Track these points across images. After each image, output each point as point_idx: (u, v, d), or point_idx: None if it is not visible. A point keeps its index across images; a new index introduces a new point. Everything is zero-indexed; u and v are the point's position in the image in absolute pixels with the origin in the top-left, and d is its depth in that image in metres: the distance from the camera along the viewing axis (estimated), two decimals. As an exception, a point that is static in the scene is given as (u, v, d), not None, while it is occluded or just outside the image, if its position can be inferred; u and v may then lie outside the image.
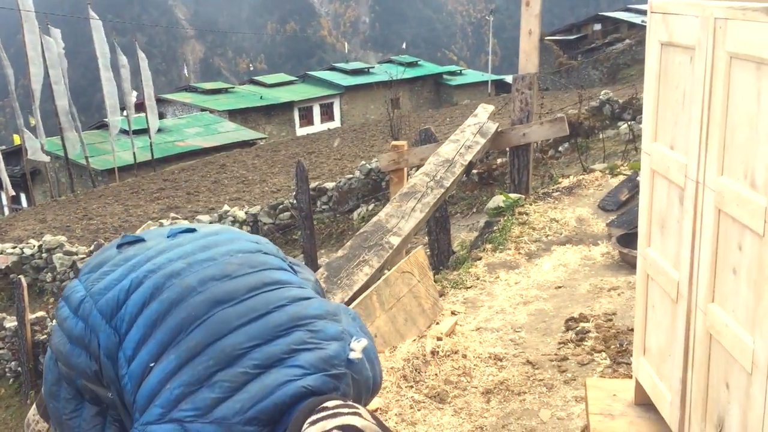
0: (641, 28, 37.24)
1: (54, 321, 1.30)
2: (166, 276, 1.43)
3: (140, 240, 1.62)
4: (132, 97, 27.06)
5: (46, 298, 12.59)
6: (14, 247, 13.53)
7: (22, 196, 27.93)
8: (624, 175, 6.62)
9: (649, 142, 2.38)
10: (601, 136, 11.20)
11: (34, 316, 10.30)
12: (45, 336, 10.01)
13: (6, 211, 23.53)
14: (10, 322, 10.44)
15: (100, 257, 1.60)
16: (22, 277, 10.36)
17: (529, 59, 6.39)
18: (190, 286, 1.40)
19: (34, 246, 13.38)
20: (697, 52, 1.94)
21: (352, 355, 1.34)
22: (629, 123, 10.74)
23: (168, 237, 1.61)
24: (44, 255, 13.11)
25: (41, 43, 22.72)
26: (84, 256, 12.90)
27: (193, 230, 1.65)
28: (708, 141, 1.91)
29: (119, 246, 1.61)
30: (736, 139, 1.78)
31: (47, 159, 24.47)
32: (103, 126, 29.62)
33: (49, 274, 12.94)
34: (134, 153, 26.33)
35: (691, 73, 2.01)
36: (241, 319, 1.36)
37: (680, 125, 2.13)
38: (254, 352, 1.30)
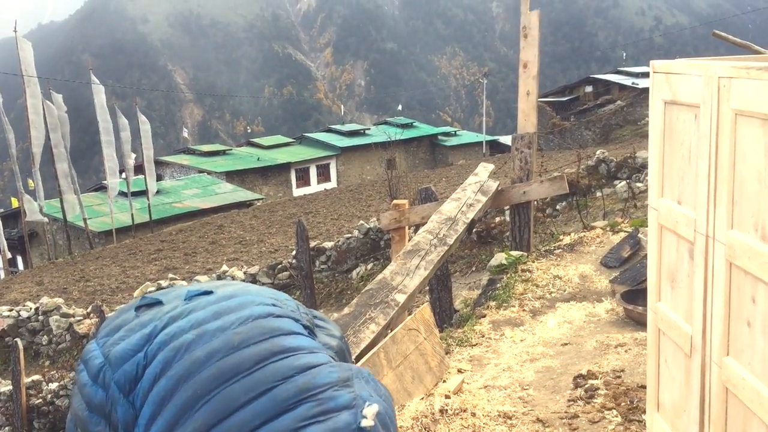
0: (631, 90, 38.02)
1: (63, 383, 1.28)
2: (176, 349, 1.42)
3: (158, 302, 1.61)
4: (131, 160, 27.32)
5: (41, 362, 12.42)
6: (11, 310, 13.42)
7: (19, 259, 27.86)
8: (625, 231, 6.66)
9: (656, 197, 2.42)
10: (598, 194, 11.30)
11: (29, 379, 10.14)
12: (40, 400, 9.85)
13: (2, 274, 23.42)
14: (5, 386, 10.27)
15: (118, 320, 1.59)
16: (18, 340, 10.25)
17: (527, 119, 6.52)
18: (198, 361, 1.39)
19: (30, 308, 13.28)
20: (702, 110, 2.00)
21: (364, 423, 1.31)
22: (627, 181, 10.86)
23: (185, 300, 1.61)
24: (41, 318, 13.00)
25: (43, 107, 23.06)
26: (81, 318, 12.80)
27: (210, 292, 1.65)
28: (716, 195, 1.95)
29: (137, 308, 1.61)
30: (744, 193, 1.81)
31: (45, 221, 24.53)
32: (102, 188, 29.81)
33: (45, 336, 12.81)
34: (132, 214, 26.42)
35: (696, 129, 2.07)
36: (248, 394, 1.35)
37: (687, 180, 2.17)
38: (261, 430, 1.30)
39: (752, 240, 1.78)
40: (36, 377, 10.39)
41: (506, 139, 39.48)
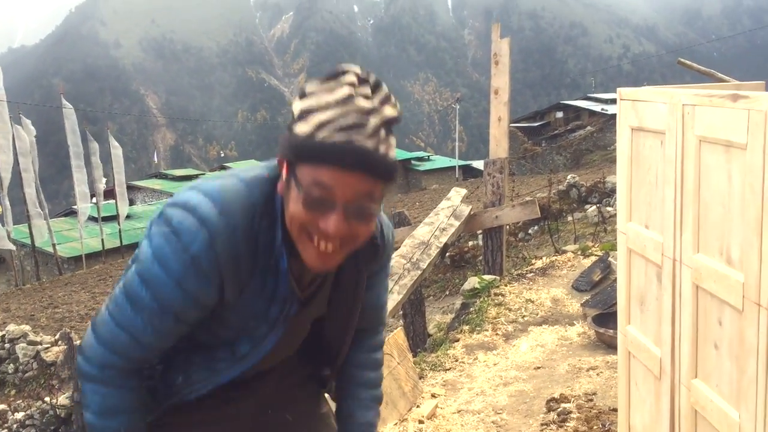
0: (601, 116, 38.67)
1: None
2: None
3: None
4: (102, 185, 27.04)
5: (7, 390, 12.12)
6: (-25, 338, 13.10)
7: (-15, 285, 27.29)
8: (596, 255, 6.74)
9: (624, 221, 2.46)
10: (569, 218, 11.43)
11: (-6, 409, 9.89)
12: (5, 431, 9.59)
13: (-33, 300, 22.89)
14: (-31, 416, 9.99)
15: None
16: (-17, 368, 10.00)
17: (499, 144, 6.60)
18: None
19: (-4, 336, 12.98)
20: (668, 137, 2.05)
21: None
22: (597, 205, 11.01)
23: None
24: (7, 345, 12.71)
25: (12, 131, 22.78)
26: (48, 345, 12.54)
27: None
28: (683, 220, 1.99)
29: None
30: (709, 218, 1.86)
31: (13, 247, 24.09)
32: (72, 213, 29.45)
33: (12, 365, 12.51)
34: (102, 239, 26.09)
35: (662, 155, 2.11)
36: None
37: (654, 205, 2.21)
38: None
39: (717, 264, 1.82)
40: (1, 407, 10.13)
41: (479, 164, 39.85)
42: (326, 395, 1.83)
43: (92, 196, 27.03)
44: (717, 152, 1.79)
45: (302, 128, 1.23)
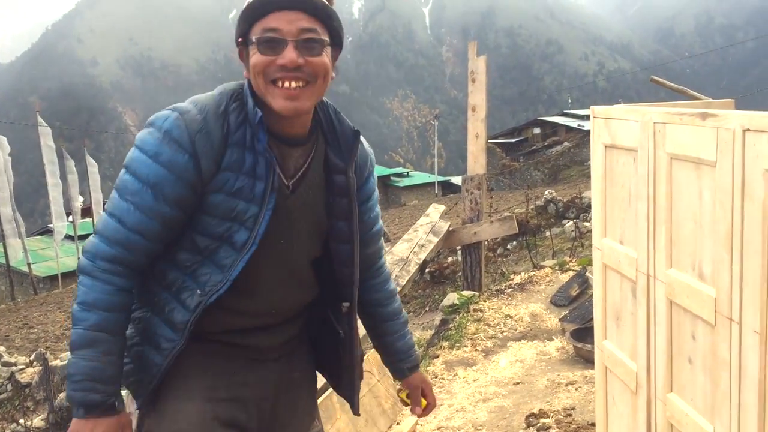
0: (578, 132, 39.10)
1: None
2: None
3: None
4: (78, 203, 26.75)
5: (-20, 413, 11.88)
6: (-52, 360, 12.84)
7: (-42, 306, 26.76)
8: (573, 270, 6.79)
9: (600, 237, 2.49)
10: (548, 233, 11.51)
11: (-33, 433, 9.69)
12: (-22, 454, 9.39)
13: (-61, 321, 22.45)
14: (-60, 441, 9.78)
15: None
16: (-45, 391, 9.81)
17: (477, 161, 6.64)
18: None
19: (-31, 358, 12.73)
20: (640, 154, 2.09)
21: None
22: (575, 221, 11.10)
23: None
24: (-20, 367, 12.47)
25: (-14, 149, 22.49)
26: (23, 366, 12.32)
27: None
28: (656, 236, 2.02)
29: None
30: (682, 233, 1.89)
31: (-13, 267, 23.72)
32: (48, 232, 29.10)
33: (-15, 387, 12.27)
34: (79, 258, 25.74)
35: (635, 172, 2.15)
36: None
37: (628, 221, 2.25)
38: None
39: (690, 279, 1.84)
40: (-26, 430, 9.93)
41: (458, 180, 40.05)
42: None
43: (68, 214, 26.72)
44: (688, 169, 1.83)
45: (246, 2, 1.51)
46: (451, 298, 6.41)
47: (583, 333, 4.98)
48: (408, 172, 51.69)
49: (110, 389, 1.51)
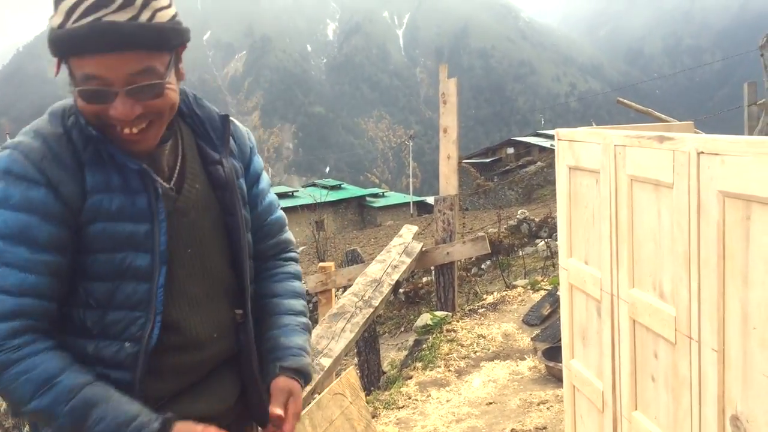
0: (551, 152, 39.53)
1: None
2: None
3: None
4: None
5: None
6: None
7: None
8: (545, 290, 6.84)
9: (566, 257, 2.52)
10: (520, 253, 11.59)
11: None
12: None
13: None
14: None
15: None
16: None
17: (449, 182, 6.69)
18: None
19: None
20: (602, 176, 2.13)
21: None
22: (546, 240, 11.20)
23: None
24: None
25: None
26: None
27: None
28: (618, 256, 2.06)
29: None
30: (643, 254, 1.92)
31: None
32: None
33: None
34: None
35: (597, 194, 2.19)
36: None
37: (592, 242, 2.28)
38: None
39: (651, 298, 1.88)
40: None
41: (433, 199, 40.20)
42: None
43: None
44: (647, 191, 1.87)
45: (55, 20, 1.20)
46: (425, 318, 6.42)
47: (555, 352, 5.00)
48: (383, 193, 51.84)
49: (144, 418, 1.26)
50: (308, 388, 3.93)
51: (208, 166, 1.47)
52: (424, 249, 6.65)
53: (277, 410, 1.43)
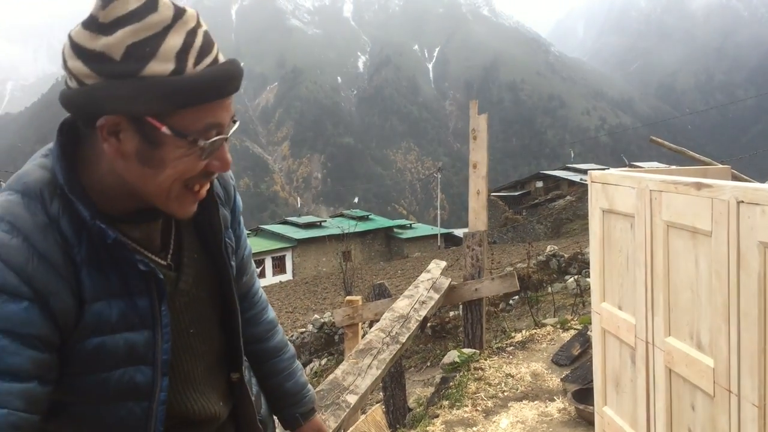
0: (580, 186, 39.31)
1: None
2: None
3: None
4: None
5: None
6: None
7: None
8: (575, 329, 6.73)
9: (598, 301, 2.48)
10: (549, 289, 11.46)
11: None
12: None
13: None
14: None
15: None
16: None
17: (478, 218, 6.66)
18: None
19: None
20: (637, 220, 2.10)
21: None
22: (576, 277, 11.06)
23: None
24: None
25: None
26: None
27: None
28: (653, 302, 2.02)
29: None
30: (679, 301, 1.88)
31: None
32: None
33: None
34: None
35: (632, 238, 2.15)
36: None
37: (626, 287, 2.24)
38: None
39: (688, 348, 1.83)
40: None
41: (461, 232, 40.11)
42: None
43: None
44: (684, 237, 1.84)
45: (160, 67, 0.96)
46: (452, 355, 6.34)
47: (585, 394, 4.90)
48: (411, 224, 51.80)
49: None
50: (334, 425, 3.90)
51: (198, 226, 1.27)
52: (452, 285, 6.60)
53: None
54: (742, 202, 1.53)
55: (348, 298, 7.18)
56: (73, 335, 1.05)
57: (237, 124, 1.10)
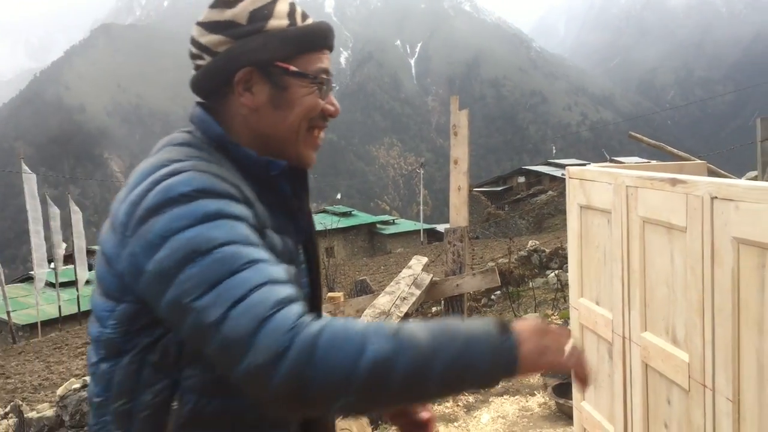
0: (562, 181, 39.37)
1: None
2: None
3: None
4: (61, 250, 26.48)
5: (-49, 469, 11.52)
6: None
7: (-67, 355, 26.20)
8: (555, 324, 6.76)
9: (576, 297, 2.49)
10: (530, 284, 11.51)
11: (-65, 489, 9.38)
12: None
13: None
14: None
15: None
16: (-75, 445, 9.52)
17: (459, 213, 6.66)
18: None
19: (-58, 409, 12.42)
20: (613, 216, 2.10)
21: None
22: (556, 272, 11.11)
23: None
24: (-48, 419, 12.15)
25: (-31, 195, 22.32)
26: (-2, 419, 12.02)
27: None
28: (630, 298, 2.03)
29: None
30: (655, 297, 1.89)
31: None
32: (29, 279, 28.70)
33: (-43, 440, 11.94)
34: (60, 306, 25.40)
35: (609, 234, 2.16)
36: None
37: (603, 282, 2.25)
38: None
39: (664, 343, 1.84)
40: (-57, 486, 9.61)
41: (443, 227, 40.09)
42: None
43: (50, 261, 26.42)
44: (660, 233, 1.84)
45: (278, 22, 1.21)
46: (434, 351, 6.35)
47: (566, 388, 4.93)
48: (394, 220, 51.78)
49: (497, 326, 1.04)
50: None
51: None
52: (433, 280, 6.61)
53: (425, 414, 1.40)
54: (716, 197, 1.54)
55: (330, 294, 7.15)
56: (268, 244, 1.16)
57: (336, 88, 1.31)
